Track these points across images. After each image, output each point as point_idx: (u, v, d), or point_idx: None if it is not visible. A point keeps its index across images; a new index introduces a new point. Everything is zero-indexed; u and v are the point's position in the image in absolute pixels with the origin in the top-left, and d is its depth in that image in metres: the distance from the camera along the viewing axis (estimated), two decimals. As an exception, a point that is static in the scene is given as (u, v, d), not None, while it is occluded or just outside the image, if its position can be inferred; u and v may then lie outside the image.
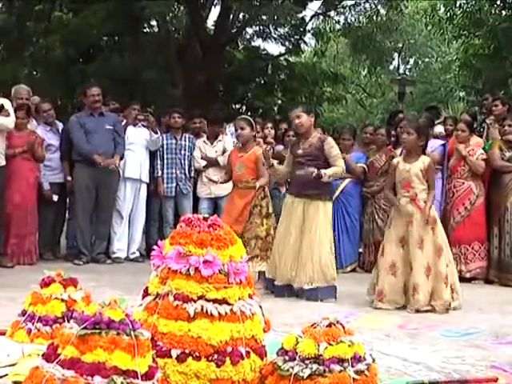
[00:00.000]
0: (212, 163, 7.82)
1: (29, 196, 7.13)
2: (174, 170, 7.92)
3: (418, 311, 5.15)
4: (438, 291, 5.22)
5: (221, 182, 6.51)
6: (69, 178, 7.54)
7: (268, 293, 5.64)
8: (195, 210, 7.84)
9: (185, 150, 7.95)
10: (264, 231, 5.96)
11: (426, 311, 5.15)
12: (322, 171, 5.51)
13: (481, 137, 7.63)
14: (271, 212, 6.08)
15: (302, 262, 5.54)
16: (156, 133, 7.80)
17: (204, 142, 8.03)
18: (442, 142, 7.37)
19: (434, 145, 7.26)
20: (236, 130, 6.24)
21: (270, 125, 8.10)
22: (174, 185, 7.92)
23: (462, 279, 6.83)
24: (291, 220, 5.64)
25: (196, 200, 8.05)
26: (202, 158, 7.91)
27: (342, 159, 5.82)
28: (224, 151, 7.74)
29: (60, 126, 7.83)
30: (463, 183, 7.04)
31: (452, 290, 5.32)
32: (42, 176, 7.37)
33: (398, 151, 7.50)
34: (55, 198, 7.51)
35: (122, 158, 7.59)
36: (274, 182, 7.43)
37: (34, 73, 15.89)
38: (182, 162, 7.93)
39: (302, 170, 5.57)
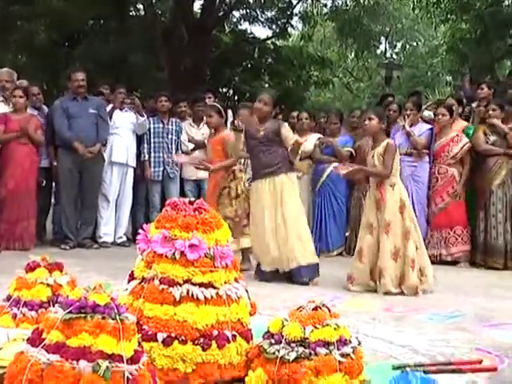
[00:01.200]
0: (199, 146, 7.85)
1: (25, 181, 7.07)
2: (161, 154, 7.90)
3: (386, 294, 5.18)
4: (405, 275, 5.25)
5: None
6: (55, 163, 7.50)
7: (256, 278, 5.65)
8: (182, 193, 7.86)
9: (172, 134, 7.93)
10: (233, 211, 6.10)
11: (396, 294, 5.18)
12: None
13: (467, 121, 7.64)
14: (241, 193, 6.19)
15: (283, 241, 5.55)
16: (142, 116, 7.76)
17: (190, 124, 8.08)
18: (430, 126, 7.38)
19: (422, 129, 7.27)
20: (205, 117, 6.36)
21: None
22: (162, 169, 7.90)
23: (446, 262, 6.90)
24: (261, 203, 5.66)
25: (182, 183, 8.08)
26: (188, 141, 7.94)
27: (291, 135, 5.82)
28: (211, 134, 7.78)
29: (47, 110, 7.77)
30: (447, 170, 7.05)
31: (421, 273, 5.33)
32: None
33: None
34: (43, 182, 7.46)
35: (105, 144, 7.54)
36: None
37: (19, 57, 15.75)
38: (169, 145, 7.91)
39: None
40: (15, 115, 7.05)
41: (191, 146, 7.96)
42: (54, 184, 7.82)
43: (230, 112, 8.59)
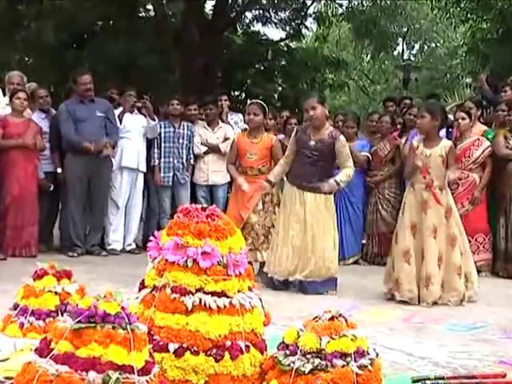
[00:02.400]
0: (213, 150, 7.86)
1: (27, 186, 7.12)
2: (171, 159, 7.90)
3: (434, 303, 5.14)
4: (451, 283, 5.20)
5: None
6: (59, 170, 7.51)
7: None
8: (193, 198, 7.85)
9: (183, 138, 7.93)
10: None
11: (442, 304, 5.15)
12: (337, 180, 5.56)
13: (486, 124, 7.59)
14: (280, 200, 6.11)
15: (305, 257, 5.54)
16: (154, 120, 7.78)
17: (205, 127, 8.05)
18: (449, 129, 7.35)
19: (440, 133, 7.23)
20: (248, 114, 6.16)
21: (269, 114, 8.07)
22: (171, 174, 7.90)
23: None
24: (292, 212, 5.63)
25: (193, 188, 8.07)
26: (202, 144, 7.93)
27: (350, 157, 5.76)
28: (225, 139, 7.79)
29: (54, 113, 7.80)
30: (468, 176, 7.00)
31: (466, 279, 5.31)
32: (37, 165, 7.37)
33: (403, 140, 7.50)
34: (51, 187, 7.49)
35: (114, 147, 7.56)
36: None
37: (26, 58, 15.84)
38: (180, 151, 7.91)
39: (324, 187, 5.56)
40: (14, 119, 7.08)
41: (204, 148, 7.95)
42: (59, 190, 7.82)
43: (240, 116, 8.61)
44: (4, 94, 7.51)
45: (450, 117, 7.94)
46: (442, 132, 7.19)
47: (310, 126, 5.74)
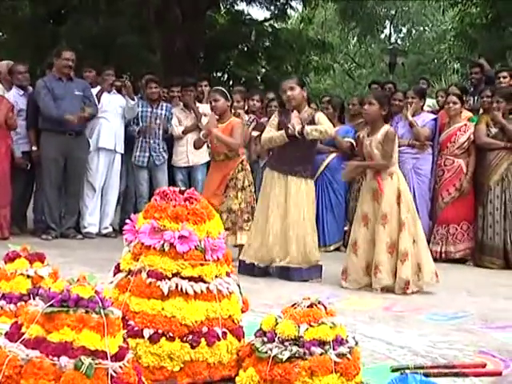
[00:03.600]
0: (194, 129, 7.84)
1: (1, 166, 7.05)
2: (147, 140, 7.87)
3: (382, 290, 5.19)
4: (397, 270, 5.22)
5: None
6: (34, 148, 7.43)
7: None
8: (171, 182, 7.84)
9: (160, 119, 7.89)
10: (237, 204, 6.09)
11: (392, 292, 5.18)
12: (306, 128, 5.51)
13: (470, 110, 7.63)
14: (247, 185, 6.17)
15: (286, 243, 5.57)
16: (133, 99, 7.74)
17: (182, 109, 8.04)
18: (434, 116, 7.39)
19: (425, 119, 7.27)
20: (210, 102, 6.29)
21: (256, 97, 8.05)
22: (148, 155, 7.86)
23: (451, 260, 6.92)
24: (272, 197, 5.65)
25: (172, 172, 8.06)
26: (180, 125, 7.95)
27: (329, 123, 5.73)
28: (204, 115, 7.81)
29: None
30: (453, 161, 7.04)
31: (419, 269, 5.29)
32: (13, 144, 7.29)
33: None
34: (28, 165, 7.43)
35: (90, 119, 7.49)
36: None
37: (0, 34, 15.66)
38: (157, 131, 7.89)
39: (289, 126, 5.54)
40: None
41: (181, 128, 7.93)
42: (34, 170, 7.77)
43: None
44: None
45: (433, 102, 7.99)
46: (428, 118, 7.25)
47: (289, 109, 5.76)
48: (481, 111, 7.53)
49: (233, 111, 6.91)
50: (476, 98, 7.95)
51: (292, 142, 5.59)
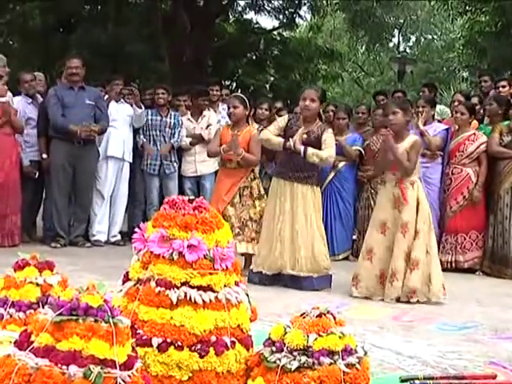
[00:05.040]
0: (198, 140, 7.89)
1: (12, 174, 7.09)
2: (158, 148, 7.90)
3: (398, 300, 5.18)
4: (405, 278, 5.22)
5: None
6: (44, 156, 7.47)
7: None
8: (180, 191, 7.87)
9: (169, 127, 7.93)
10: (257, 213, 6.04)
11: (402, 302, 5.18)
12: (308, 150, 5.51)
13: (478, 120, 7.63)
14: (263, 194, 6.14)
15: (294, 250, 5.57)
16: (140, 107, 7.77)
17: (189, 119, 8.09)
18: (446, 126, 7.37)
19: (437, 128, 7.26)
20: (228, 108, 6.22)
21: (265, 105, 8.06)
22: (158, 163, 7.90)
23: (460, 270, 6.89)
24: (279, 205, 5.66)
25: (180, 180, 8.09)
26: (186, 137, 7.97)
27: (333, 149, 5.73)
28: (208, 126, 7.84)
29: (41, 99, 7.76)
30: (461, 170, 7.04)
31: (429, 280, 5.27)
32: (21, 152, 7.33)
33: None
34: (36, 174, 7.46)
35: (102, 133, 7.53)
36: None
37: (11, 42, 15.76)
38: (167, 139, 7.92)
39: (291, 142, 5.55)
40: None
41: (188, 140, 7.99)
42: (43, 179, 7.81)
43: (225, 105, 8.62)
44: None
45: (445, 108, 7.98)
46: (440, 128, 7.25)
47: (300, 116, 5.77)
48: (486, 120, 7.53)
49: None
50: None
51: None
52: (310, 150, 5.53)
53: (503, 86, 7.69)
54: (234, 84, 16.17)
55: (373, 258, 5.34)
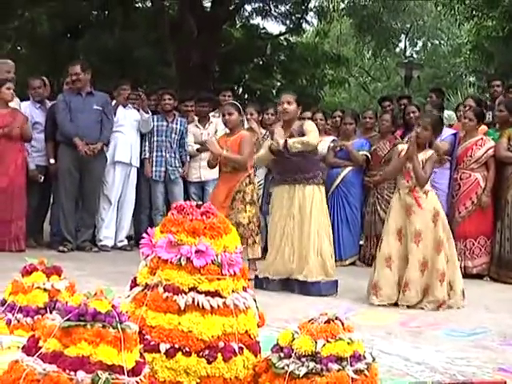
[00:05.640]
0: (205, 146, 7.88)
1: (17, 179, 7.11)
2: (164, 153, 7.91)
3: (408, 307, 5.17)
4: (431, 288, 5.23)
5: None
6: (51, 161, 7.49)
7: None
8: (185, 195, 7.88)
9: (176, 133, 7.94)
10: (246, 218, 6.03)
11: (420, 308, 5.17)
12: (288, 141, 5.56)
13: (487, 125, 7.60)
14: (255, 200, 6.17)
15: (302, 255, 5.57)
16: (147, 113, 7.78)
17: (196, 126, 8.10)
18: (454, 131, 7.35)
19: (445, 133, 7.23)
20: (223, 116, 6.28)
21: (271, 110, 8.06)
22: (163, 169, 7.91)
23: (469, 275, 6.86)
24: (285, 210, 5.67)
25: (185, 185, 8.10)
26: (195, 143, 7.99)
27: (315, 133, 5.75)
28: (215, 132, 7.89)
29: (49, 105, 7.78)
30: (470, 175, 7.01)
31: (451, 287, 5.30)
32: (28, 157, 7.35)
33: (406, 139, 7.50)
34: (41, 178, 7.47)
35: (107, 144, 7.56)
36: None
37: (19, 48, 15.81)
38: (173, 145, 7.93)
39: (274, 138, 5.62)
40: (0, 109, 7.06)
41: (196, 146, 8.00)
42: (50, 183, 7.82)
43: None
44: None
45: (452, 113, 7.96)
46: (448, 133, 7.22)
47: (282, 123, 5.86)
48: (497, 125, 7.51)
49: (246, 125, 6.95)
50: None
51: (282, 154, 5.62)
52: (290, 140, 5.57)
53: (497, 86, 7.69)
54: (241, 89, 16.18)
55: (392, 265, 5.32)
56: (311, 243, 5.57)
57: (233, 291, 2.70)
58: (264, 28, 16.31)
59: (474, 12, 15.13)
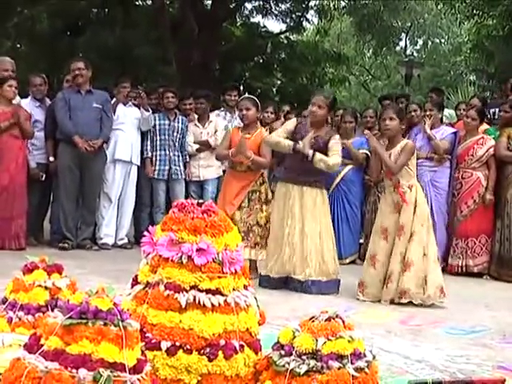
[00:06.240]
0: (206, 147, 7.91)
1: (18, 177, 7.11)
2: (167, 152, 7.90)
3: (392, 302, 5.19)
4: (393, 275, 5.25)
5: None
6: (51, 159, 7.49)
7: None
8: (185, 194, 7.89)
9: (178, 131, 7.93)
10: (264, 218, 6.02)
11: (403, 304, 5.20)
12: (317, 155, 5.53)
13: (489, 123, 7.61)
14: (270, 198, 6.11)
15: (304, 255, 5.57)
16: (147, 111, 7.78)
17: (195, 125, 8.08)
18: (454, 129, 7.36)
19: (445, 132, 7.24)
20: (241, 110, 6.16)
21: (270, 108, 8.05)
22: (167, 168, 7.90)
23: (470, 274, 6.87)
24: (287, 209, 5.66)
25: (185, 184, 8.10)
26: (194, 142, 7.98)
27: (339, 156, 5.76)
28: (215, 132, 7.86)
29: (49, 102, 7.78)
30: (471, 174, 7.02)
31: (425, 282, 5.26)
32: (28, 154, 7.35)
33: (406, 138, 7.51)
34: (42, 176, 7.48)
35: (106, 142, 7.56)
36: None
37: (18, 45, 15.81)
38: (176, 143, 7.92)
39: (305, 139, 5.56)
40: (3, 107, 7.06)
41: (196, 146, 7.99)
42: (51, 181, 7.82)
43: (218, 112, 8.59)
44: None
45: (451, 112, 7.97)
46: (448, 132, 7.23)
47: (308, 120, 5.77)
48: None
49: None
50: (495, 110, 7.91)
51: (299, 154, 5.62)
52: (318, 156, 5.54)
53: None
54: (241, 87, 16.17)
55: (376, 263, 5.39)
56: (313, 244, 5.57)
57: (234, 289, 2.71)
58: (264, 26, 16.31)
59: (474, 11, 15.12)
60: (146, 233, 2.77)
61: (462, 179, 7.07)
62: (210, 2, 14.67)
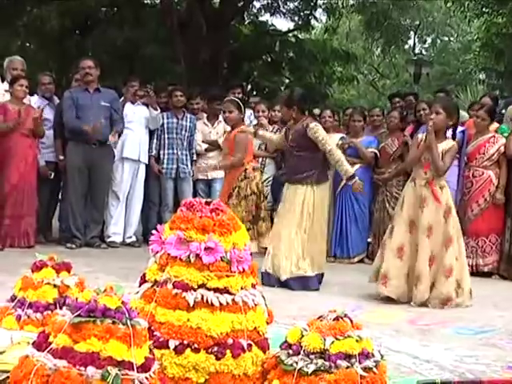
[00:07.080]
0: (213, 145, 7.91)
1: (28, 175, 7.13)
2: (175, 151, 7.91)
3: (422, 304, 5.15)
4: (437, 283, 5.19)
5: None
6: (61, 157, 7.52)
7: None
8: (193, 192, 7.91)
9: (186, 130, 7.94)
10: (240, 212, 6.10)
11: (426, 305, 5.15)
12: (354, 175, 5.79)
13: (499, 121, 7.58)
14: (249, 194, 6.27)
15: (307, 252, 5.60)
16: (156, 109, 7.78)
17: (204, 123, 8.09)
18: (462, 128, 7.33)
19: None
20: (224, 112, 6.31)
21: (277, 107, 8.04)
22: (175, 166, 7.90)
23: (480, 274, 6.84)
24: (287, 207, 5.73)
25: (193, 182, 8.11)
26: (202, 141, 7.99)
27: (326, 140, 5.75)
28: (224, 132, 7.84)
29: (58, 101, 7.80)
30: (482, 173, 6.98)
31: (458, 285, 5.26)
32: (37, 153, 7.37)
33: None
34: (51, 175, 7.50)
35: (119, 135, 7.56)
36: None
37: (28, 44, 15.85)
38: (184, 142, 7.93)
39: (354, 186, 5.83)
40: (14, 106, 7.09)
41: (205, 146, 7.99)
42: (59, 180, 7.85)
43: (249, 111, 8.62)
44: (2, 80, 7.51)
45: (465, 114, 7.94)
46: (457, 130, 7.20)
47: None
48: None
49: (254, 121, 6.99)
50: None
51: (291, 151, 5.73)
52: (351, 172, 5.80)
53: None
54: (250, 86, 16.17)
55: (403, 256, 5.26)
56: (316, 242, 5.66)
57: (242, 288, 2.71)
58: (272, 25, 16.30)
59: (483, 9, 15.08)
60: (154, 231, 2.78)
61: (472, 178, 7.03)
62: (218, 1, 14.66)
